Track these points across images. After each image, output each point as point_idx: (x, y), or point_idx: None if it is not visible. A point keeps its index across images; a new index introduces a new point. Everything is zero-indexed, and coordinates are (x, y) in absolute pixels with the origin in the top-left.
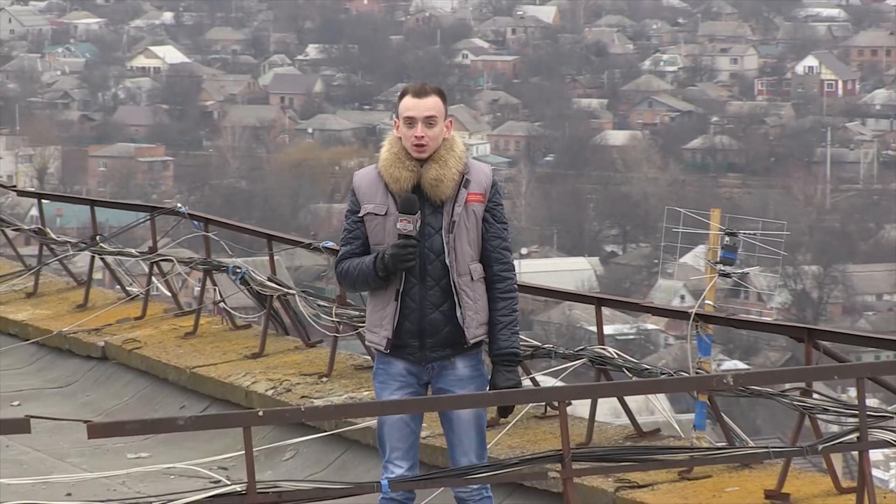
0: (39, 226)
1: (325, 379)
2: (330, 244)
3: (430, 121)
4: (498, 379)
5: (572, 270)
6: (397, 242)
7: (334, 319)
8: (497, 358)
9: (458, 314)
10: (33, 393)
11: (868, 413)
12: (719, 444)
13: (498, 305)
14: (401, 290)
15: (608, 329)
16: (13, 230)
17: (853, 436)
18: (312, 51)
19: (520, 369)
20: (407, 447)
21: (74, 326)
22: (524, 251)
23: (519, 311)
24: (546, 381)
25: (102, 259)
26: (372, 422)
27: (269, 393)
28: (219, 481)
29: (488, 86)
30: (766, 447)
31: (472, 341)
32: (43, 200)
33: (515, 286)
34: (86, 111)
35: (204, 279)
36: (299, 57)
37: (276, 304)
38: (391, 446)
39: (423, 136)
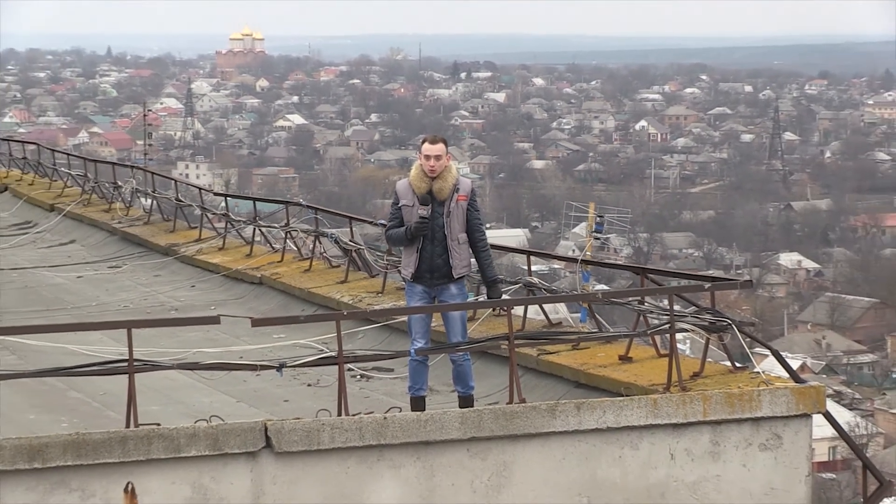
0: (226, 211)
1: (380, 294)
2: (382, 222)
3: (437, 156)
4: (492, 293)
5: (514, 236)
6: (417, 221)
7: (385, 262)
8: (488, 283)
9: (451, 261)
10: (221, 302)
11: (675, 313)
12: (594, 331)
13: (481, 256)
14: (419, 247)
15: (533, 268)
16: (211, 214)
17: (666, 325)
18: (373, 117)
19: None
20: (424, 331)
21: (244, 265)
22: (487, 226)
23: (492, 257)
24: None
25: (259, 229)
26: (404, 318)
27: (350, 302)
28: (322, 351)
29: (468, 136)
30: (619, 332)
31: (458, 276)
32: (228, 198)
33: (488, 245)
34: (251, 150)
35: (314, 240)
36: (367, 120)
37: (354, 254)
38: (415, 330)
39: (434, 165)
